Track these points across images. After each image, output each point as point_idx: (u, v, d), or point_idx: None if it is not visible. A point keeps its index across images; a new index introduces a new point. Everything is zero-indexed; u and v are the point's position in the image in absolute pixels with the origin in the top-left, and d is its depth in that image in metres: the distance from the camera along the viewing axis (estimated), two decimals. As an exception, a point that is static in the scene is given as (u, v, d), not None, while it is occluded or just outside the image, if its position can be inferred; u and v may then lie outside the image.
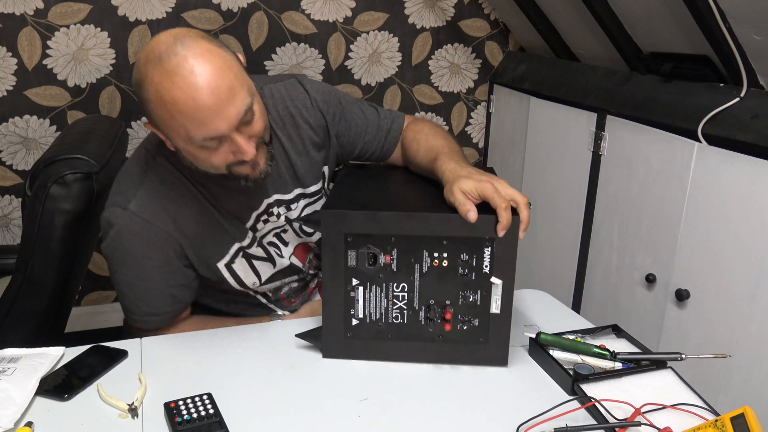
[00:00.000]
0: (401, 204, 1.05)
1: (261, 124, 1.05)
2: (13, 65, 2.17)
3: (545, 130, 2.31)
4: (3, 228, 2.33)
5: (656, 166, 1.76)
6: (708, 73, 1.68)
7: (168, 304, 1.19)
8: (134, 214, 1.10)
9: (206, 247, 1.17)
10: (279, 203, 1.25)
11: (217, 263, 1.19)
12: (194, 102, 0.95)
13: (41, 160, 1.34)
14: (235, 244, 1.20)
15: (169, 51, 0.95)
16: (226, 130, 0.98)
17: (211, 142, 1.00)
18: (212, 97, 0.95)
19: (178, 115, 0.96)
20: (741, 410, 0.79)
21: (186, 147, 1.03)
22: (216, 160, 1.03)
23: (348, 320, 1.05)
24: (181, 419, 0.88)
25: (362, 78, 2.57)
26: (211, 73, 0.95)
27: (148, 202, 1.11)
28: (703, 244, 1.62)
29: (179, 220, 1.13)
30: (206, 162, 1.05)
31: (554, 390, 1.00)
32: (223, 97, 0.96)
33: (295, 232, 1.29)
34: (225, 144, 1.01)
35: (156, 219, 1.11)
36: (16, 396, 0.91)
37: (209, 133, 0.98)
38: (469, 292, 1.02)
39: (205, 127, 0.97)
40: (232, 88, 0.97)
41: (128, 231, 1.11)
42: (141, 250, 1.13)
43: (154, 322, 1.19)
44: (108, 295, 2.52)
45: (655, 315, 1.79)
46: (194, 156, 1.04)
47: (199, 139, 0.99)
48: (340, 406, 0.95)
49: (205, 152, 1.02)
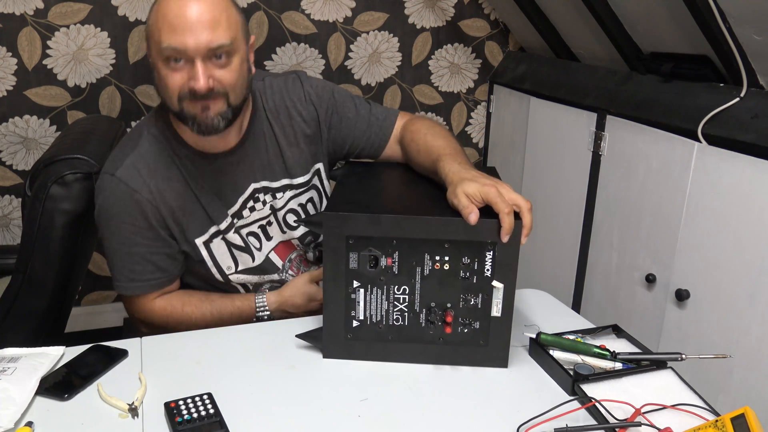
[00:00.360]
0: (403, 207, 1.05)
1: (232, 76, 1.11)
2: (13, 65, 2.17)
3: (545, 130, 2.31)
4: (3, 228, 2.33)
5: (656, 166, 1.76)
6: (708, 73, 1.68)
7: (150, 272, 1.22)
8: (120, 180, 1.17)
9: (186, 222, 1.22)
10: (266, 190, 1.28)
11: (195, 239, 1.23)
12: (177, 11, 1.05)
13: (41, 160, 1.34)
14: (212, 227, 1.24)
15: None
16: (191, 48, 1.06)
17: (175, 53, 1.07)
18: (194, 15, 1.05)
19: (161, 18, 1.07)
20: (741, 410, 0.79)
21: (156, 60, 1.10)
22: (172, 81, 1.10)
23: (349, 322, 1.05)
24: (181, 419, 0.88)
25: (362, 78, 2.57)
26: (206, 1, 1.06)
27: (133, 170, 1.18)
28: (703, 244, 1.62)
29: (162, 191, 1.19)
30: (164, 84, 1.11)
31: (554, 390, 1.00)
32: (204, 20, 1.06)
33: (279, 226, 1.31)
34: (186, 70, 1.08)
35: (139, 186, 1.18)
36: (16, 396, 0.91)
37: (175, 43, 1.06)
38: (470, 296, 1.02)
39: (175, 35, 1.05)
40: (216, 20, 1.07)
41: (113, 196, 1.18)
42: (124, 215, 1.18)
43: (137, 288, 1.23)
44: (108, 295, 2.52)
45: (655, 315, 1.79)
46: (159, 75, 1.11)
47: (164, 46, 1.06)
48: (340, 406, 0.95)
49: (166, 69, 1.09)
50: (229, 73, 1.11)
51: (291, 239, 1.34)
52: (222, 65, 1.10)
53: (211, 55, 1.08)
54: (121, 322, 2.53)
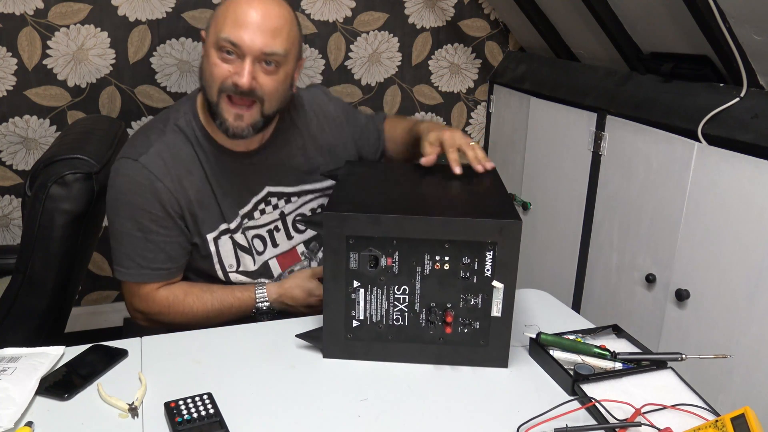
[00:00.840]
0: (403, 207, 1.05)
1: (274, 84, 1.15)
2: (13, 65, 2.17)
3: (545, 130, 2.31)
4: (3, 228, 2.33)
5: (656, 166, 1.76)
6: (708, 73, 1.68)
7: (161, 260, 1.22)
8: (143, 166, 1.18)
9: (201, 216, 1.23)
10: (280, 195, 1.30)
11: (207, 234, 1.24)
12: (246, 8, 1.10)
13: (41, 160, 1.34)
14: (223, 224, 1.25)
15: None
16: (247, 45, 1.10)
17: (229, 46, 1.11)
18: (259, 17, 1.10)
19: (230, 10, 1.11)
20: (741, 410, 0.79)
21: (211, 45, 1.14)
22: (217, 71, 1.13)
23: (349, 322, 1.05)
24: (181, 419, 0.88)
25: (362, 78, 2.57)
26: (274, 8, 1.12)
27: (157, 158, 1.19)
28: (703, 244, 1.62)
29: (183, 183, 1.20)
30: (210, 72, 1.14)
31: (554, 390, 1.00)
32: (267, 25, 1.11)
33: (286, 231, 1.31)
34: (235, 63, 1.12)
35: (162, 175, 1.19)
36: (16, 395, 0.91)
37: (234, 37, 1.10)
38: (471, 296, 1.03)
39: (236, 29, 1.10)
40: (278, 30, 1.12)
41: (134, 182, 1.18)
42: (143, 202, 1.18)
43: (146, 276, 1.22)
44: (108, 295, 2.52)
45: (655, 315, 1.79)
46: (208, 60, 1.15)
47: (224, 36, 1.11)
48: (340, 406, 0.95)
49: (216, 57, 1.13)
50: (272, 82, 1.14)
51: (296, 246, 1.34)
52: (269, 72, 1.14)
53: (261, 58, 1.12)
54: (121, 322, 2.54)
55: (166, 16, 2.27)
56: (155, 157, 1.19)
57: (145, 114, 2.35)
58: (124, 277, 1.24)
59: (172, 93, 2.36)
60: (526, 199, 2.42)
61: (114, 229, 1.22)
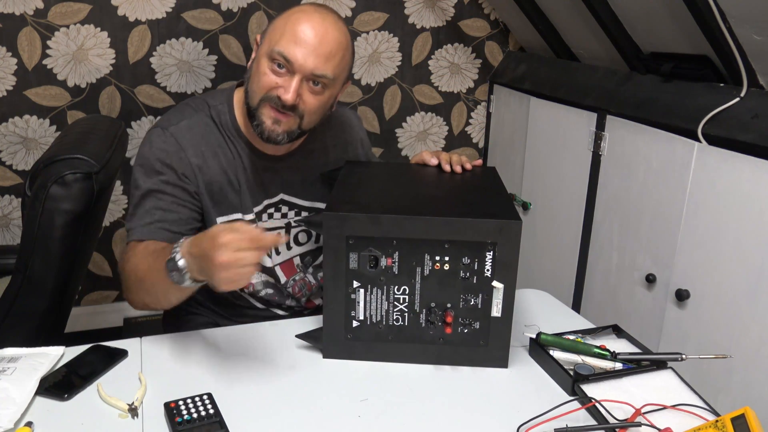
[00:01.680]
0: (403, 207, 1.05)
1: (317, 104, 1.16)
2: (13, 65, 2.17)
3: (545, 130, 2.31)
4: (3, 228, 2.33)
5: (656, 166, 1.76)
6: (708, 73, 1.68)
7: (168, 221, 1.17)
8: (171, 135, 1.20)
9: (216, 197, 1.23)
10: (292, 206, 1.31)
11: (217, 217, 1.24)
12: (306, 26, 1.12)
13: (41, 160, 1.34)
14: (237, 213, 1.25)
15: (325, 5, 1.19)
16: (298, 64, 1.11)
17: (282, 60, 1.12)
18: (317, 39, 1.12)
19: (290, 24, 1.13)
20: (741, 411, 0.79)
21: (263, 53, 1.15)
22: (265, 81, 1.14)
23: (349, 322, 1.05)
24: (181, 419, 0.88)
25: (362, 78, 2.57)
26: (333, 32, 1.14)
27: (187, 132, 1.21)
28: (703, 244, 1.62)
29: (207, 162, 1.22)
30: (257, 79, 1.15)
31: (554, 390, 1.00)
32: (322, 48, 1.12)
33: (287, 241, 1.31)
34: (284, 78, 1.13)
35: (188, 147, 1.20)
36: (15, 396, 0.91)
37: (287, 53, 1.11)
38: (470, 296, 1.03)
39: (291, 46, 1.11)
40: (332, 54, 1.13)
41: (160, 147, 1.20)
42: (162, 166, 1.19)
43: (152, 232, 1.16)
44: (108, 295, 2.52)
45: (655, 315, 1.79)
46: (257, 68, 1.16)
47: (278, 50, 1.12)
48: (340, 406, 0.95)
49: (266, 67, 1.14)
50: (316, 101, 1.16)
51: (293, 258, 1.34)
52: (314, 91, 1.15)
53: (310, 78, 1.13)
54: (121, 322, 2.54)
55: (165, 16, 2.27)
56: (185, 131, 1.21)
57: (145, 114, 2.35)
58: (130, 237, 1.18)
59: (172, 93, 2.35)
60: (526, 199, 2.42)
61: (133, 192, 1.21)
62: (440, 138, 2.77)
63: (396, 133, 2.69)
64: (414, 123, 2.70)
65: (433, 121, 2.73)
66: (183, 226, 1.19)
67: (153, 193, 1.19)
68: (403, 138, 2.71)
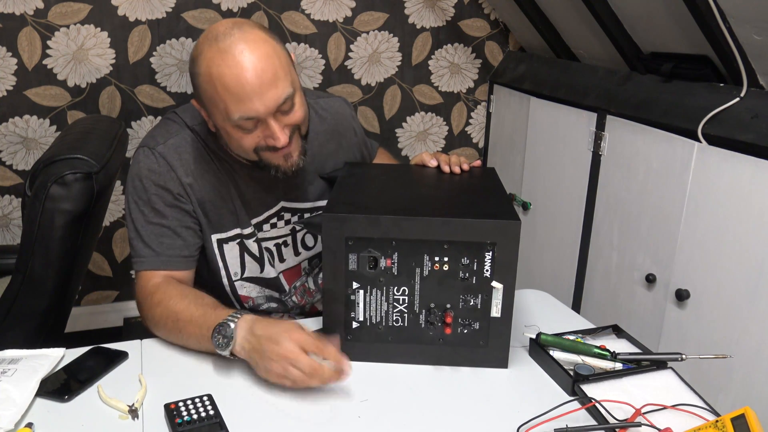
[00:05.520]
0: (402, 208, 1.05)
1: (299, 114, 1.11)
2: (13, 65, 2.17)
3: (545, 130, 2.31)
4: (3, 228, 2.33)
5: (656, 166, 1.76)
6: (708, 73, 1.68)
7: (178, 247, 1.17)
8: (160, 155, 1.17)
9: (212, 215, 1.21)
10: (294, 211, 1.30)
11: (212, 234, 1.22)
12: (237, 80, 1.02)
13: (41, 160, 1.34)
14: (236, 229, 1.23)
15: (226, 32, 1.04)
16: (263, 112, 1.04)
17: (247, 122, 1.05)
18: (255, 79, 1.02)
19: (222, 90, 1.03)
20: (741, 410, 0.79)
21: (223, 125, 1.08)
22: (247, 142, 1.09)
23: (348, 323, 1.05)
24: (181, 420, 0.88)
25: (362, 78, 2.57)
26: (259, 57, 1.02)
27: (174, 151, 1.17)
28: (703, 244, 1.62)
29: (197, 179, 1.18)
30: (237, 143, 1.10)
31: (554, 390, 1.00)
32: (266, 80, 1.03)
33: (295, 247, 1.31)
34: (260, 128, 1.07)
35: (177, 166, 1.17)
36: (16, 397, 0.91)
37: (246, 113, 1.04)
38: (470, 296, 1.03)
39: (244, 105, 1.03)
40: (275, 74, 1.04)
41: (149, 168, 1.17)
42: (157, 188, 1.16)
43: (163, 263, 1.16)
44: (108, 295, 2.52)
45: (655, 315, 1.79)
46: (229, 135, 1.10)
47: (236, 118, 1.04)
48: (340, 406, 0.95)
49: (239, 132, 1.08)
50: (297, 113, 1.11)
51: (301, 263, 1.34)
52: (288, 110, 1.09)
53: (278, 110, 1.07)
54: (121, 322, 2.54)
55: (165, 16, 2.27)
56: (172, 150, 1.17)
57: (145, 114, 2.35)
58: (141, 266, 1.16)
59: (172, 93, 2.36)
60: (526, 199, 2.42)
61: (132, 218, 1.18)
62: (440, 138, 2.77)
63: (396, 133, 2.69)
64: (414, 123, 2.70)
65: (433, 121, 2.73)
66: (193, 249, 1.20)
67: (155, 218, 1.16)
68: (403, 138, 2.71)
